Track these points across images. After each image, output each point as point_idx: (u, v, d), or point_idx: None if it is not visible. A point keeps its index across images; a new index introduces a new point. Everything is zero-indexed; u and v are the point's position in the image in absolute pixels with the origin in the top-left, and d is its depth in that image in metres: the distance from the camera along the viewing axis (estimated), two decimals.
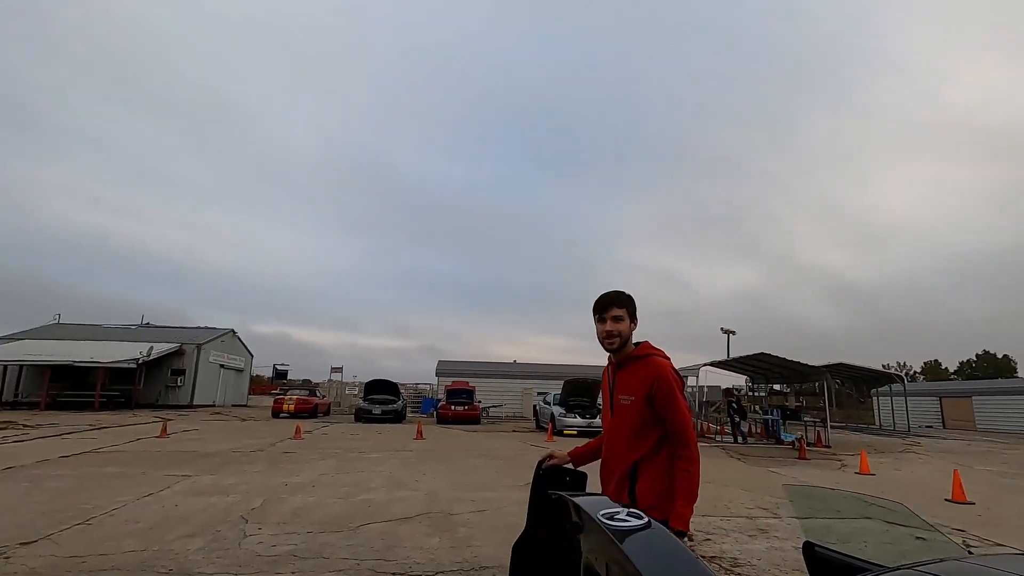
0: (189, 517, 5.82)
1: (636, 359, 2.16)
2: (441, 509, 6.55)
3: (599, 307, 2.23)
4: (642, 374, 2.08)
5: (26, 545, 4.72)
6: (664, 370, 2.07)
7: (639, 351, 2.19)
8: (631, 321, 2.20)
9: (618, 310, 2.19)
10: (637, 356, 2.17)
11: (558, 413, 18.20)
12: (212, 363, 31.76)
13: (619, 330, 2.17)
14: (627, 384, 2.14)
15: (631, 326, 2.20)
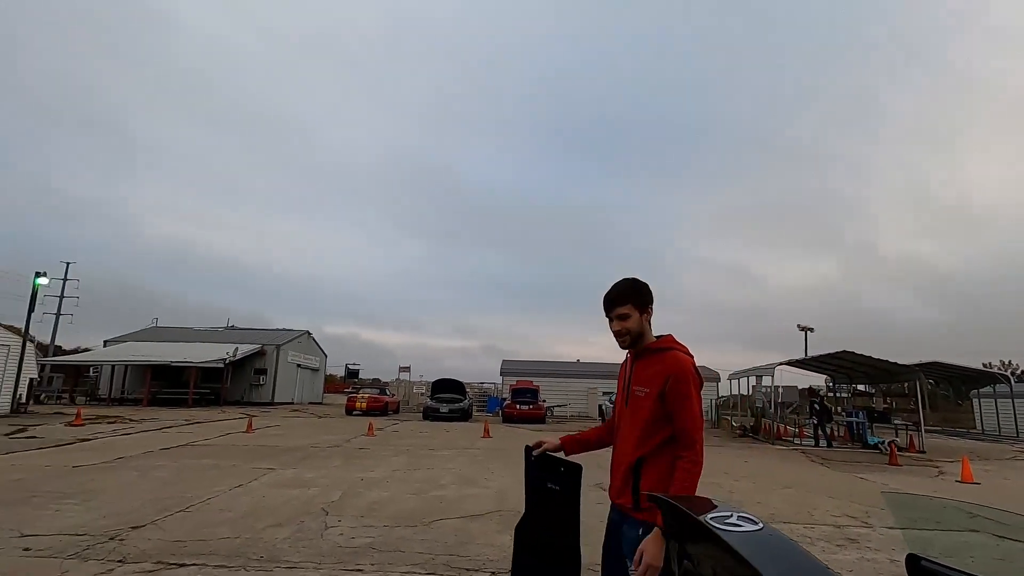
0: (275, 508, 6.17)
1: (655, 351, 2.06)
2: (512, 507, 6.60)
3: (605, 306, 2.15)
4: (659, 367, 1.99)
5: (136, 529, 5.17)
6: (682, 365, 1.97)
7: (660, 343, 2.08)
8: (641, 313, 2.09)
9: (622, 308, 2.10)
10: (657, 349, 2.07)
11: None
12: (290, 363, 33.59)
13: (627, 328, 2.09)
14: (643, 376, 2.04)
15: (642, 319, 2.10)
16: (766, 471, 11.12)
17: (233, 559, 4.41)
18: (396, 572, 4.19)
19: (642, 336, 2.10)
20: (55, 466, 8.61)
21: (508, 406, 23.40)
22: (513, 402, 23.48)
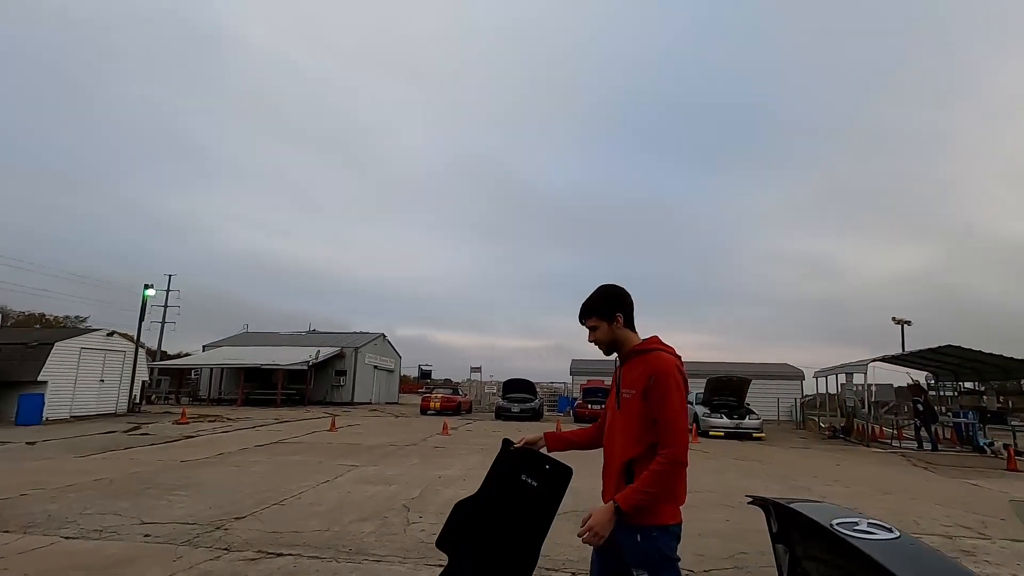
0: (360, 503, 6.44)
1: (639, 353, 2.07)
2: (588, 507, 6.51)
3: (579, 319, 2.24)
4: (643, 368, 2.00)
5: (239, 520, 5.57)
6: (663, 365, 1.96)
7: (644, 345, 2.09)
8: (609, 323, 2.14)
9: (589, 321, 2.18)
10: (641, 351, 2.08)
11: (701, 413, 17.27)
12: (367, 364, 35.03)
13: (597, 339, 2.17)
14: (628, 378, 2.05)
15: (611, 328, 2.14)
16: (861, 475, 10.37)
17: (324, 551, 4.64)
18: None
19: (618, 343, 2.14)
20: (166, 461, 9.43)
21: (579, 405, 23.22)
22: (584, 401, 23.27)
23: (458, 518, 2.17)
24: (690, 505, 6.63)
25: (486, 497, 2.18)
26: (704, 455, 12.31)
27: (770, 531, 1.34)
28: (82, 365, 17.82)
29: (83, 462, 9.14)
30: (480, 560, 2.09)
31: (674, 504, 1.93)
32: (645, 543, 1.87)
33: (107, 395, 19.01)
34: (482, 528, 2.13)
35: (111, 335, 19.74)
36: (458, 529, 2.15)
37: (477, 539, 2.12)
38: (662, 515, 1.89)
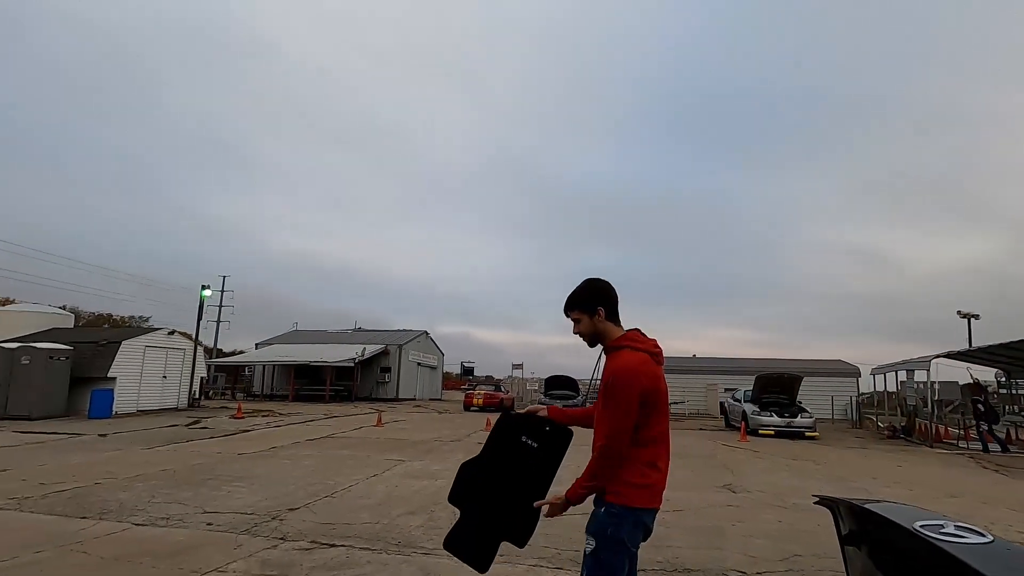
0: (408, 497, 6.57)
1: (611, 350, 2.18)
2: None
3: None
4: (610, 365, 2.12)
5: (292, 511, 5.77)
6: (619, 365, 2.06)
7: (616, 342, 2.18)
8: (590, 316, 2.22)
9: (572, 314, 2.27)
10: (611, 348, 2.19)
11: (751, 411, 16.77)
12: (411, 361, 35.67)
13: (580, 331, 2.26)
14: (604, 373, 2.16)
15: (592, 321, 2.22)
16: (925, 477, 9.84)
17: (375, 543, 4.76)
18: (524, 564, 4.27)
19: (599, 336, 2.23)
20: (224, 453, 9.87)
21: None
22: None
23: (465, 477, 2.30)
24: (740, 506, 6.46)
25: (489, 458, 2.28)
26: (753, 454, 11.96)
27: (839, 533, 1.28)
28: (146, 362, 18.85)
29: (149, 453, 9.68)
30: (486, 516, 2.23)
31: (645, 491, 2.04)
32: (605, 517, 2.04)
33: (169, 390, 20.05)
34: (486, 487, 2.26)
35: (172, 334, 20.80)
36: (465, 488, 2.28)
37: (483, 497, 2.26)
38: (631, 497, 2.02)
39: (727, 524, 5.71)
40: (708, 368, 31.18)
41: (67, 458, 8.96)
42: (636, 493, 2.03)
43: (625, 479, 2.02)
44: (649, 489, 2.04)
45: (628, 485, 2.02)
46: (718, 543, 5.02)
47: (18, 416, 14.95)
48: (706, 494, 7.33)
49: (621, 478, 2.02)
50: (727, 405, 20.62)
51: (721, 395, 26.50)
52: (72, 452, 9.64)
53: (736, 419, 18.27)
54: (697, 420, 24.23)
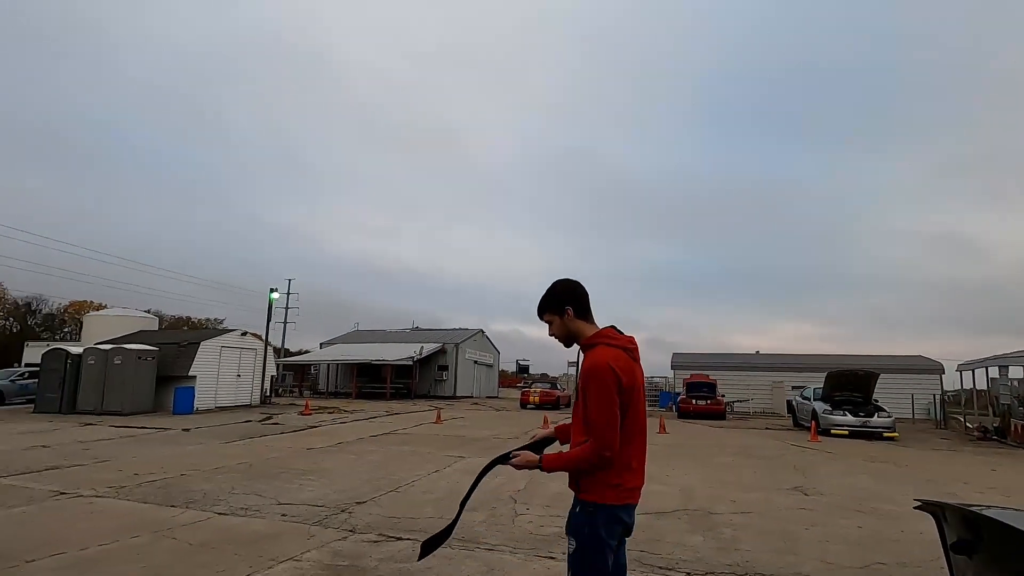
0: None
1: (586, 348, 2.20)
2: (699, 507, 6.28)
3: None
4: (585, 363, 2.13)
5: (360, 504, 5.98)
6: (592, 361, 2.08)
7: (589, 340, 2.20)
8: (560, 316, 2.25)
9: (544, 317, 2.30)
10: (586, 345, 2.21)
11: (821, 410, 15.94)
12: (467, 359, 36.18)
13: (553, 333, 2.30)
14: (581, 372, 2.18)
15: (563, 322, 2.25)
16: (1022, 483, 9.04)
17: None
18: None
19: (572, 335, 2.26)
20: (295, 448, 10.35)
21: (683, 401, 22.37)
22: (688, 397, 22.37)
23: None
24: (813, 509, 6.15)
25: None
26: (827, 455, 11.36)
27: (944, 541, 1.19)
28: (223, 362, 20.03)
29: (228, 447, 10.28)
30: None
31: (615, 489, 2.06)
32: (582, 515, 2.07)
33: (243, 388, 21.23)
34: None
35: (244, 335, 22.00)
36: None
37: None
38: (605, 495, 2.05)
39: (800, 528, 5.46)
40: (773, 365, 29.88)
41: (156, 451, 9.66)
42: (608, 492, 2.06)
43: (598, 478, 2.06)
44: (618, 488, 2.07)
45: (600, 484, 2.06)
46: (792, 547, 4.80)
47: (112, 412, 16.25)
48: (775, 496, 7.03)
49: (595, 477, 2.06)
50: (795, 403, 19.69)
51: (788, 393, 25.37)
52: (160, 445, 10.38)
53: (805, 418, 17.42)
54: (763, 419, 23.29)
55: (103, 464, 8.20)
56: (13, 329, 47.96)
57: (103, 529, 4.86)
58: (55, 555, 4.16)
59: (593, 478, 2.06)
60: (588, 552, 2.04)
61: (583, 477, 2.08)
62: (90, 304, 47.92)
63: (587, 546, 2.04)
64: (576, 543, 2.06)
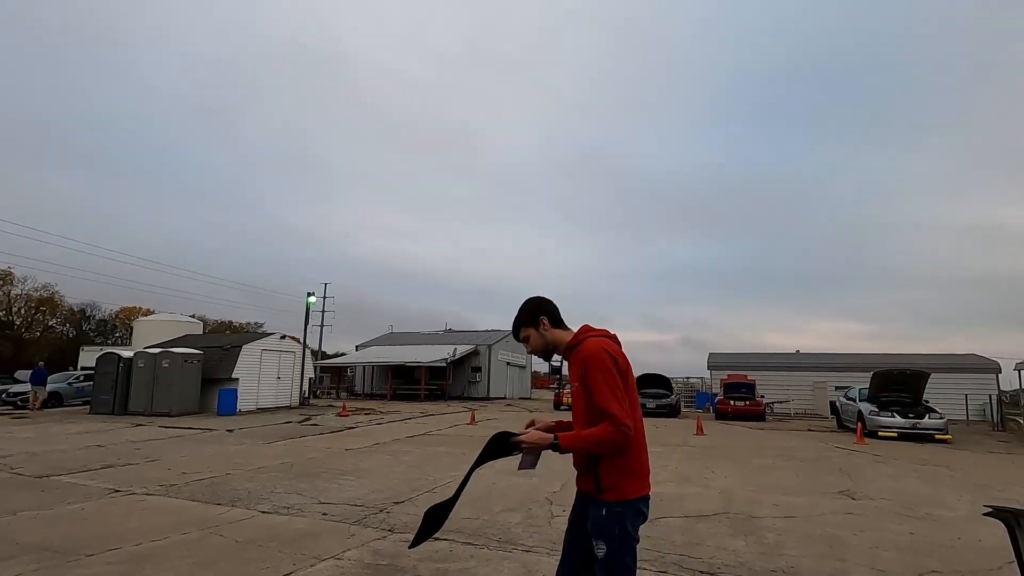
0: (505, 494, 6.68)
1: (572, 347, 2.22)
2: (740, 510, 6.13)
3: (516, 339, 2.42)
4: (577, 359, 2.16)
5: (398, 504, 6.06)
6: (589, 350, 2.11)
7: (574, 339, 2.24)
8: (536, 327, 2.29)
9: (522, 335, 2.34)
10: (573, 344, 2.23)
11: (867, 411, 15.36)
12: (500, 361, 36.27)
13: (533, 348, 2.33)
14: (572, 373, 2.21)
15: (539, 332, 2.29)
16: None
17: (477, 538, 4.88)
18: None
19: (552, 344, 2.30)
20: (333, 448, 10.57)
21: (721, 402, 21.90)
22: (726, 397, 21.89)
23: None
24: (862, 514, 5.93)
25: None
26: (874, 458, 10.94)
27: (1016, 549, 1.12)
28: (263, 364, 20.62)
29: (269, 447, 10.58)
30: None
31: (635, 478, 2.07)
32: (609, 517, 2.03)
33: (283, 390, 21.81)
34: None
35: (283, 338, 22.60)
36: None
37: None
38: (626, 490, 2.05)
39: (847, 533, 5.27)
40: (815, 364, 28.97)
41: (202, 450, 10.02)
42: (630, 484, 2.07)
43: (619, 471, 2.06)
44: (638, 477, 2.08)
45: (621, 477, 2.06)
46: (839, 553, 4.63)
47: (161, 413, 16.93)
48: (820, 500, 6.80)
49: (613, 473, 2.06)
50: (839, 404, 19.04)
51: (831, 393, 24.55)
52: (205, 445, 10.75)
53: (850, 420, 16.82)
54: (804, 420, 22.59)
55: (153, 463, 8.55)
56: (70, 334, 50.55)
57: (155, 526, 5.06)
58: (111, 550, 4.36)
59: (614, 473, 2.05)
60: (619, 553, 2.03)
61: (602, 472, 2.05)
62: (139, 310, 50.09)
63: (618, 548, 2.03)
64: (606, 546, 2.03)
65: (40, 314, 49.73)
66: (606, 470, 2.07)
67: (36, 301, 48.44)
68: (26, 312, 48.90)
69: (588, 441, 2.00)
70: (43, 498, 6.10)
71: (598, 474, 2.08)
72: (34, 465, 8.15)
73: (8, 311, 47.57)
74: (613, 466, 2.06)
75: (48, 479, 7.19)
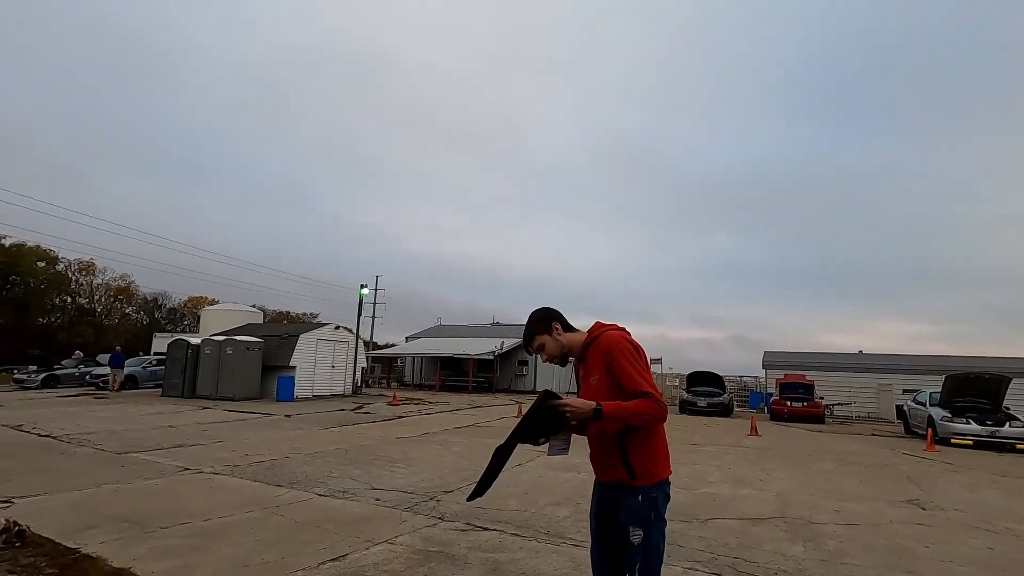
0: (552, 488, 6.68)
1: (590, 344, 2.28)
2: (798, 515, 5.89)
3: (528, 352, 2.48)
4: (597, 352, 2.21)
5: (447, 493, 6.17)
6: (612, 341, 2.18)
7: (591, 335, 2.30)
8: (549, 333, 2.35)
9: (536, 343, 2.38)
10: (590, 341, 2.28)
11: (940, 416, 14.42)
12: None
13: (549, 354, 2.37)
14: (591, 367, 2.25)
15: (553, 337, 2.35)
16: None
17: (524, 530, 4.90)
18: (679, 567, 4.10)
19: (567, 347, 2.35)
20: (385, 437, 10.86)
21: (776, 402, 21.10)
22: (782, 398, 21.06)
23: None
24: (932, 525, 5.61)
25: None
26: (946, 467, 10.27)
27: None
28: (319, 353, 21.40)
29: (325, 433, 10.98)
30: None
31: (664, 461, 2.19)
32: (645, 503, 2.11)
33: (337, 378, 22.58)
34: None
35: (337, 328, 23.35)
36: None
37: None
38: (657, 473, 2.14)
39: (917, 545, 4.97)
40: (880, 366, 27.46)
41: (263, 434, 10.50)
42: (659, 466, 2.17)
43: (652, 455, 2.14)
44: (665, 459, 2.20)
45: (654, 462, 2.15)
46: (908, 565, 4.38)
47: (225, 397, 17.86)
48: (886, 508, 6.44)
49: (646, 459, 2.13)
50: (907, 409, 17.97)
51: (899, 397, 23.22)
52: (266, 429, 11.27)
53: (920, 425, 15.85)
54: (867, 424, 21.47)
55: (219, 444, 9.03)
56: (143, 322, 54.09)
57: (221, 503, 5.35)
58: (183, 524, 4.64)
59: (647, 459, 2.13)
60: (655, 537, 2.12)
61: (633, 458, 2.11)
62: (205, 299, 52.93)
63: (653, 532, 2.12)
64: (644, 532, 2.09)
65: (118, 302, 53.45)
66: (637, 457, 2.12)
67: (114, 290, 52.10)
68: (106, 300, 52.67)
69: (630, 411, 2.02)
70: (122, 473, 6.56)
71: (629, 461, 2.12)
72: (114, 443, 8.77)
73: (91, 299, 51.39)
74: (644, 452, 2.13)
75: (126, 455, 7.72)
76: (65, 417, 11.88)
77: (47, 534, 4.18)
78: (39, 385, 21.18)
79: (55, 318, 48.53)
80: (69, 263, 48.24)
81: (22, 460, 7.17)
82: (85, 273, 49.94)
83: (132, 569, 3.64)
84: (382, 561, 3.98)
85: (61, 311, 49.05)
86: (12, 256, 42.93)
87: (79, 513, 4.86)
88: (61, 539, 4.12)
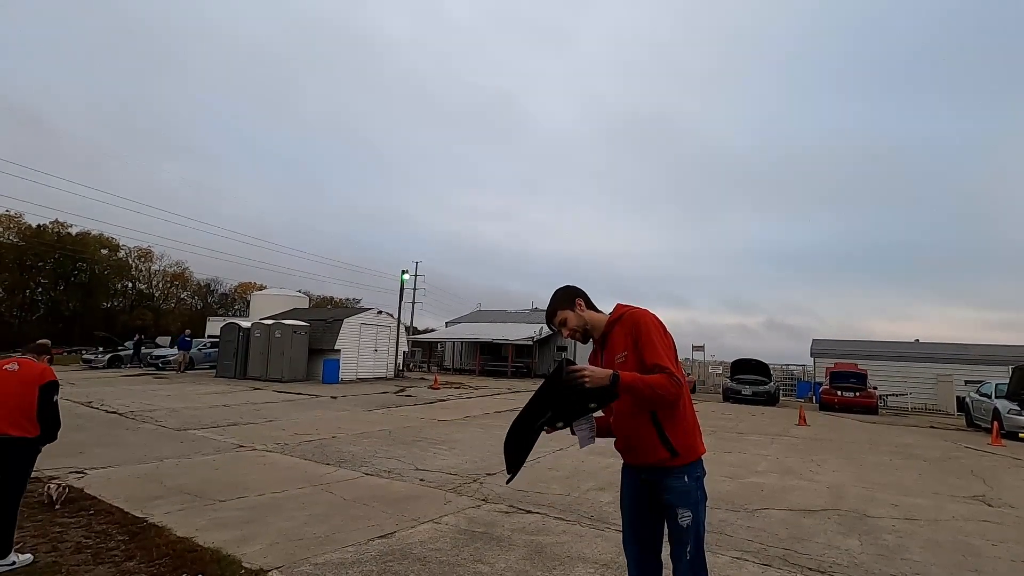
0: (594, 472, 6.64)
1: (614, 323, 2.26)
2: (852, 507, 5.67)
3: (551, 328, 2.48)
4: (623, 330, 2.18)
5: (490, 476, 6.22)
6: (638, 317, 2.17)
7: (615, 315, 2.28)
8: (572, 310, 2.33)
9: (558, 318, 2.36)
10: (614, 320, 2.26)
11: (1006, 409, 13.60)
12: None
13: (571, 328, 2.34)
14: (615, 346, 2.20)
15: (576, 313, 2.33)
16: None
17: (568, 513, 4.89)
18: (726, 556, 4.02)
19: (590, 324, 2.33)
20: (427, 419, 11.05)
21: (826, 392, 20.35)
22: (832, 387, 20.30)
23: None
24: (1000, 523, 5.34)
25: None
26: (1014, 462, 9.70)
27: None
28: (362, 337, 21.93)
29: (369, 415, 11.26)
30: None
31: (700, 436, 2.19)
32: (692, 482, 2.11)
33: (379, 362, 23.11)
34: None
35: (380, 313, 23.84)
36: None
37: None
38: (697, 447, 2.15)
39: (984, 543, 4.71)
40: (938, 355, 26.08)
41: (311, 414, 10.86)
42: (699, 442, 2.18)
43: (689, 432, 2.14)
44: (700, 433, 2.20)
45: (691, 435, 2.14)
46: (975, 564, 4.15)
47: (274, 379, 18.56)
48: (948, 504, 6.13)
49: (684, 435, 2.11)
50: (969, 400, 17.04)
51: (959, 388, 22.05)
52: (314, 409, 11.64)
53: (983, 418, 15.01)
54: (925, 416, 20.50)
55: (270, 423, 9.39)
56: (197, 306, 56.69)
57: (274, 479, 5.56)
58: (239, 498, 4.84)
59: (686, 435, 2.11)
60: (701, 517, 2.12)
61: (671, 436, 2.08)
62: (254, 285, 54.96)
63: (700, 512, 2.12)
64: (692, 512, 2.08)
65: (174, 287, 56.16)
66: (675, 433, 2.10)
67: (171, 276, 54.73)
68: (163, 285, 55.41)
69: (645, 382, 1.97)
70: (182, 448, 6.91)
71: (667, 439, 2.09)
72: (174, 420, 9.24)
73: (149, 284, 54.15)
74: (681, 428, 2.11)
75: (186, 432, 8.12)
76: (129, 395, 12.59)
77: (118, 504, 4.44)
78: (105, 365, 22.53)
79: (118, 302, 51.43)
80: (129, 250, 50.94)
81: (92, 433, 7.64)
82: (143, 260, 52.63)
83: (195, 539, 3.82)
84: (428, 540, 4.05)
85: (123, 295, 51.93)
86: (78, 244, 45.62)
87: (145, 484, 5.14)
88: (130, 508, 4.37)
